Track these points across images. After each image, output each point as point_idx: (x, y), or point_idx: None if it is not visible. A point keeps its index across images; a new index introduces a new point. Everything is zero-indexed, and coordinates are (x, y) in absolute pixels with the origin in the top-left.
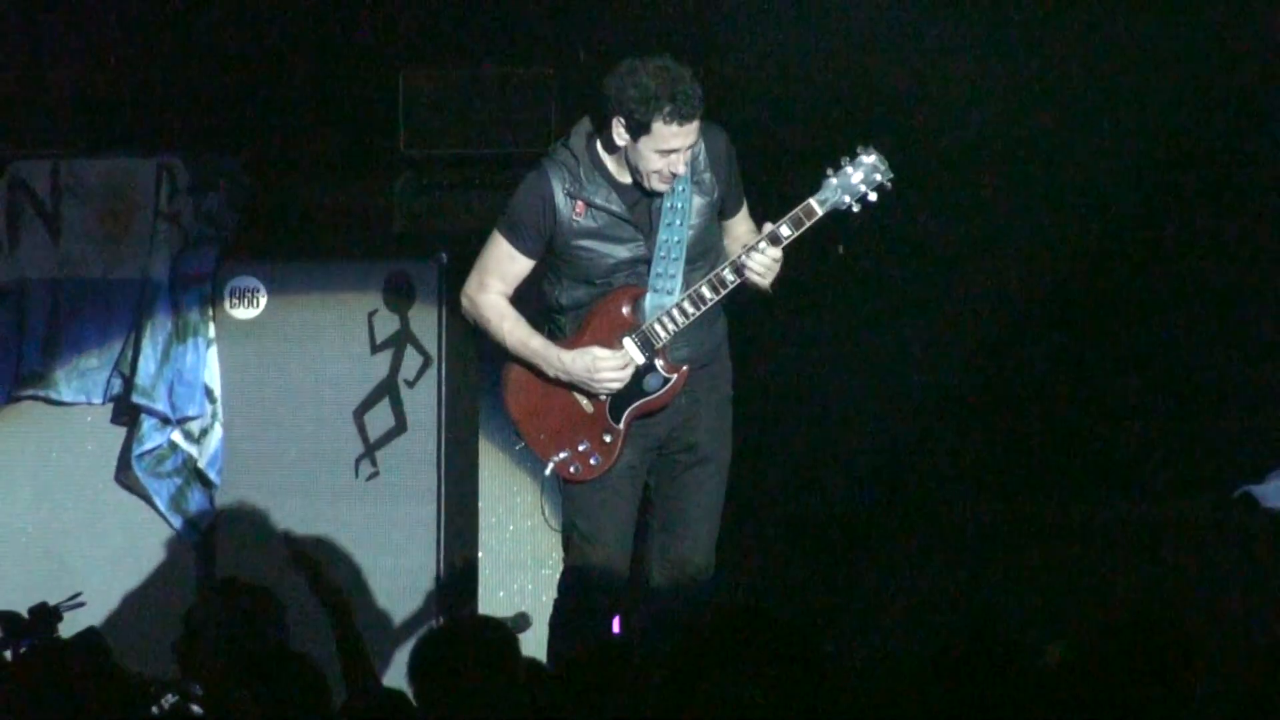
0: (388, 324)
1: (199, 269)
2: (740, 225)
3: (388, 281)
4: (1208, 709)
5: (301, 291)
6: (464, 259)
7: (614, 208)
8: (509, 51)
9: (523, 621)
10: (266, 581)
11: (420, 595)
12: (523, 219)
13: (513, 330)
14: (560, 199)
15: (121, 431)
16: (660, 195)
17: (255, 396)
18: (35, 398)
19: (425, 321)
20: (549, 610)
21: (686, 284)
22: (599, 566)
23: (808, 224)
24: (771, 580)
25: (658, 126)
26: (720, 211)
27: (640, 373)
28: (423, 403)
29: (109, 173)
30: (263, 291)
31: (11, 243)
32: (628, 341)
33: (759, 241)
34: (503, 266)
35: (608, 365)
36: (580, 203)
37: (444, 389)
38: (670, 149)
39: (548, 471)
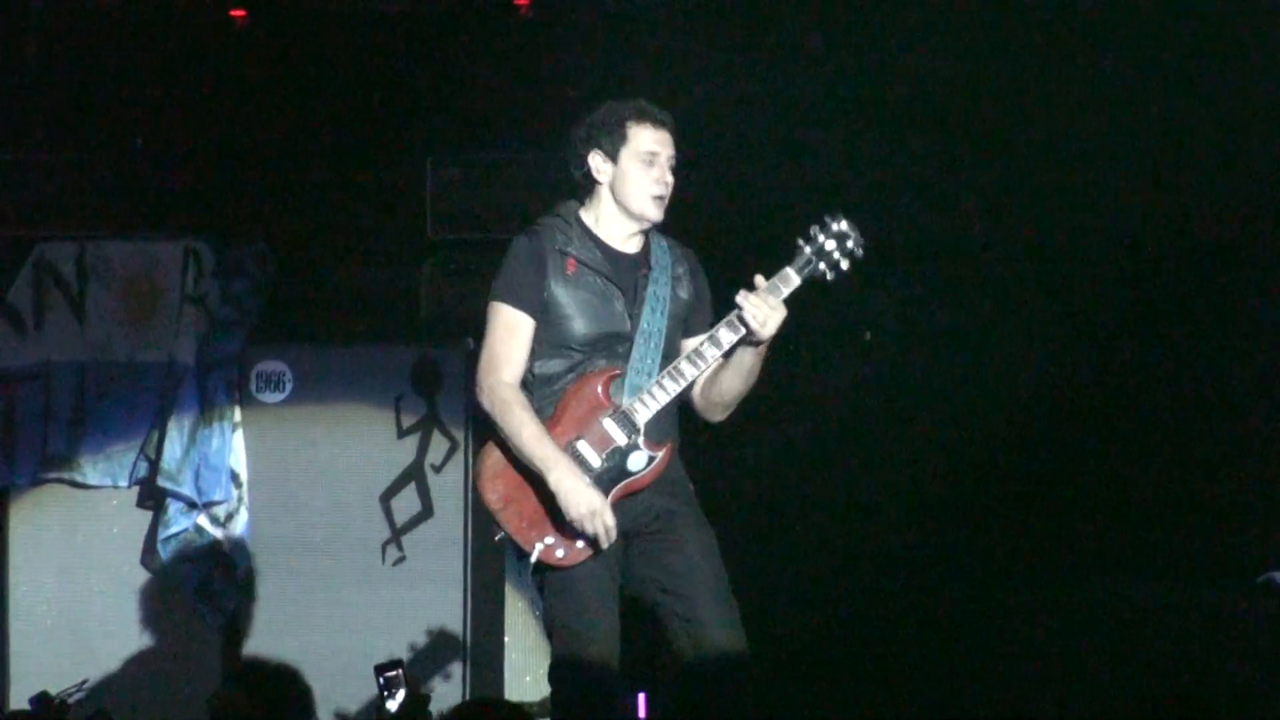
0: (414, 409)
1: (225, 353)
2: None
3: (414, 367)
4: None
5: (328, 376)
6: None
7: (603, 269)
8: (534, 138)
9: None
10: (291, 664)
11: (446, 679)
12: (520, 278)
13: (526, 428)
14: (552, 255)
15: (147, 515)
16: (648, 265)
17: (281, 481)
18: (60, 480)
19: (452, 406)
20: None
21: (659, 374)
22: (596, 663)
23: (784, 291)
24: (792, 669)
25: (632, 129)
26: (687, 326)
27: (623, 454)
28: (449, 487)
29: (135, 256)
30: (289, 376)
31: (37, 325)
32: (608, 422)
33: (747, 298)
34: (511, 343)
35: (603, 524)
36: (571, 259)
37: (470, 474)
38: (652, 151)
39: (533, 558)
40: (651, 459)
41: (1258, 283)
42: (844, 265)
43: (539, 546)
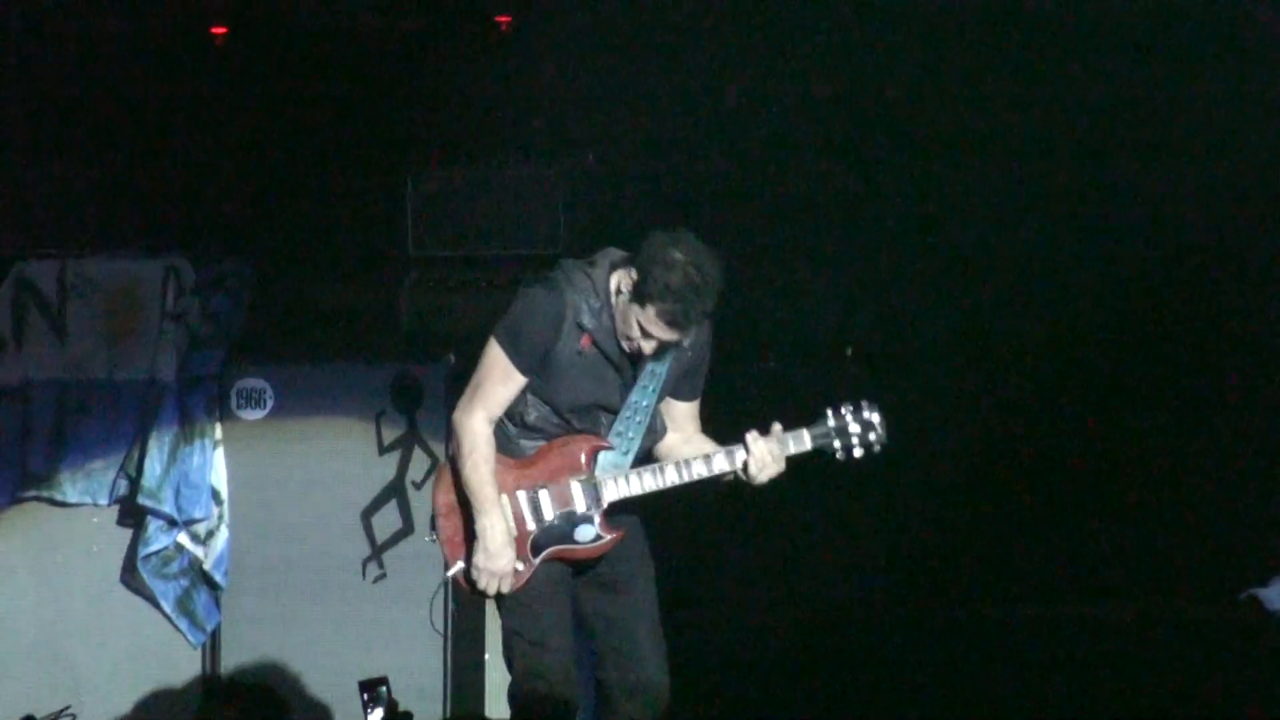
0: (395, 425)
1: (206, 370)
2: (689, 416)
3: (395, 383)
4: None
5: (309, 393)
6: (471, 360)
7: (612, 354)
8: (516, 154)
9: None
10: (270, 683)
11: (427, 697)
12: (529, 336)
13: (477, 471)
14: (569, 325)
15: (127, 533)
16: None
17: (262, 498)
18: (40, 499)
19: (433, 423)
20: None
21: (639, 449)
22: (554, 671)
23: (792, 450)
24: (775, 681)
25: (650, 310)
26: (677, 392)
27: (576, 520)
28: (430, 504)
29: (115, 273)
30: (270, 393)
31: (17, 342)
32: (576, 485)
33: (756, 441)
34: (499, 390)
35: (495, 587)
36: (588, 337)
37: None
38: (647, 333)
39: (450, 573)
40: (599, 537)
41: (1256, 286)
42: (857, 453)
43: (459, 565)
